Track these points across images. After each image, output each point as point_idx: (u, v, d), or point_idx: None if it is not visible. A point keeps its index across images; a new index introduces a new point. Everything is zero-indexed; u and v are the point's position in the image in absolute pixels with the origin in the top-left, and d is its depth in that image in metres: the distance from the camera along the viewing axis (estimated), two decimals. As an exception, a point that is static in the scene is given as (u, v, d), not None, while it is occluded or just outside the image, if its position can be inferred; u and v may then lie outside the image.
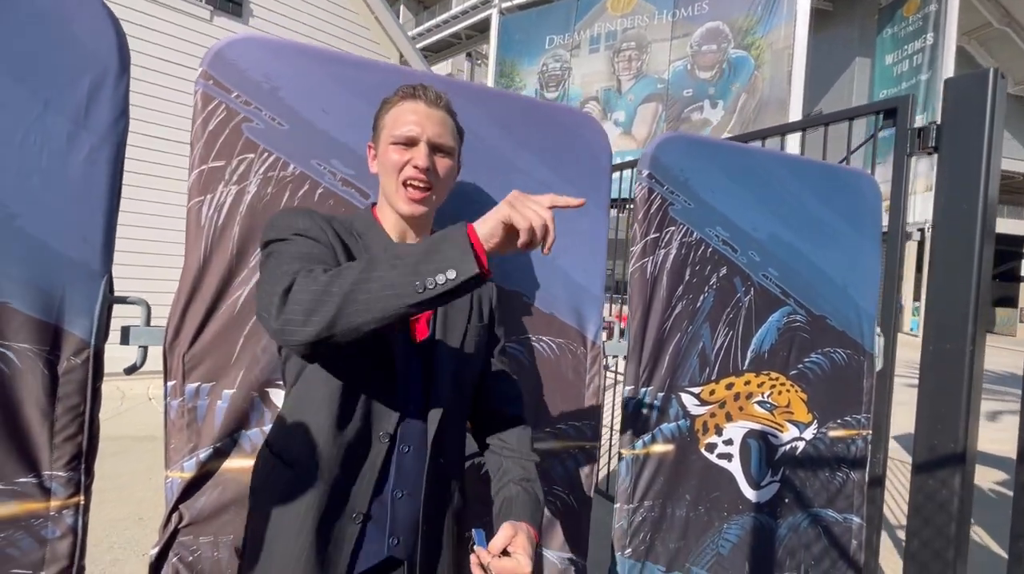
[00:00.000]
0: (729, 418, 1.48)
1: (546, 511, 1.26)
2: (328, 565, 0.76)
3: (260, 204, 0.98)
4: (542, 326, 1.23)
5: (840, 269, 1.59)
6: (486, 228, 0.63)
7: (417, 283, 0.61)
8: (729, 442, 1.48)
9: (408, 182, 0.83)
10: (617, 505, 1.34)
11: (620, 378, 1.37)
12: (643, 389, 1.35)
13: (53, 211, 0.81)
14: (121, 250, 0.95)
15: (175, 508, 0.94)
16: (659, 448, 1.38)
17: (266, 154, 0.98)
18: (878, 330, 1.68)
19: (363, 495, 0.78)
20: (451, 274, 0.61)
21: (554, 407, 1.26)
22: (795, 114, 13.11)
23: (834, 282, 1.59)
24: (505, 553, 0.75)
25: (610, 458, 3.20)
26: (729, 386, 1.47)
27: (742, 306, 1.47)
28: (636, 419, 1.35)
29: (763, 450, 1.52)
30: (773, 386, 1.53)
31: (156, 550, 0.93)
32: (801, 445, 1.57)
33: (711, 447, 1.45)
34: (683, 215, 1.38)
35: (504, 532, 0.76)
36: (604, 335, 1.34)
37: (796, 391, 1.56)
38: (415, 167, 0.82)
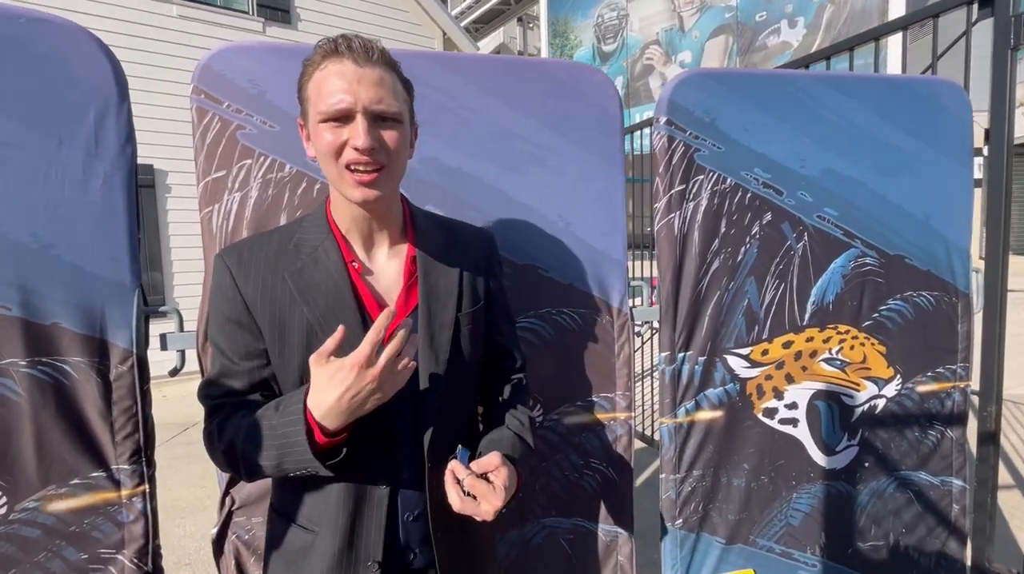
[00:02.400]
0: (790, 380, 1.34)
1: (586, 484, 1.24)
2: None
3: (264, 207, 1.02)
4: (561, 298, 1.19)
5: (919, 199, 1.36)
6: (331, 423, 0.66)
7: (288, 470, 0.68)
8: (793, 406, 1.34)
9: (351, 166, 0.68)
10: (663, 475, 1.28)
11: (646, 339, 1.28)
12: (680, 354, 1.26)
13: (81, 236, 0.90)
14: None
15: (227, 492, 1.04)
16: (705, 415, 1.29)
17: (263, 157, 1.02)
18: (975, 266, 1.42)
19: (375, 542, 0.75)
20: (310, 467, 0.66)
21: (584, 380, 1.22)
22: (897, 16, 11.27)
23: (912, 215, 1.36)
24: (484, 478, 0.71)
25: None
26: (787, 344, 1.33)
27: (794, 255, 1.31)
28: (675, 386, 1.26)
29: (835, 413, 1.37)
30: (843, 341, 1.36)
31: (216, 530, 1.04)
32: (882, 403, 1.39)
33: (770, 412, 1.33)
34: (712, 161, 1.24)
35: (492, 458, 0.72)
36: (634, 301, 1.26)
37: (872, 344, 1.37)
38: (355, 149, 0.66)
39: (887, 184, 1.33)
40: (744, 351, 1.30)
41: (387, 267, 0.78)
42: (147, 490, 0.97)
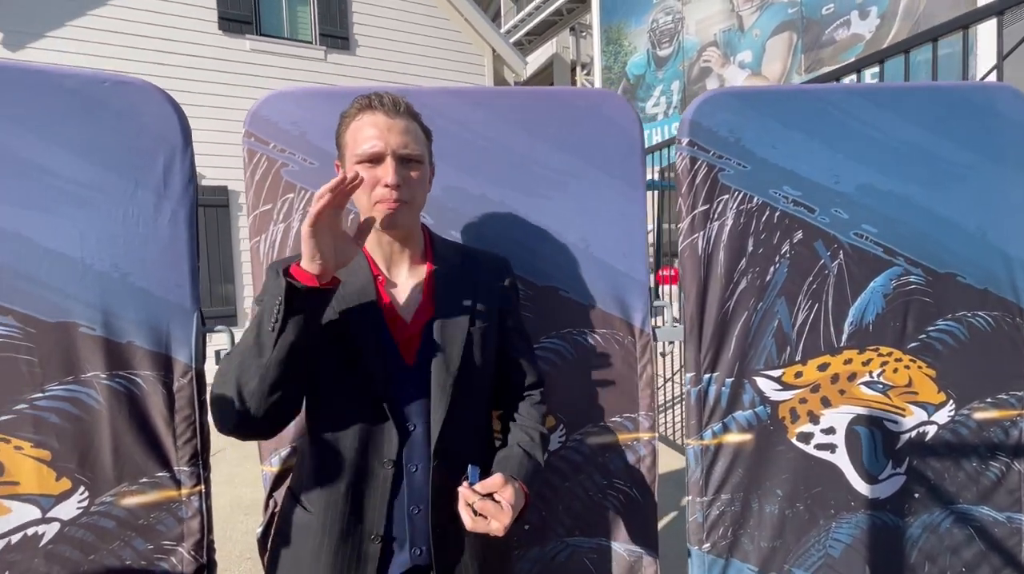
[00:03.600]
0: (827, 403, 1.29)
1: (609, 505, 1.24)
2: None
3: (304, 236, 1.12)
4: (582, 319, 1.21)
5: (972, 211, 1.27)
6: (303, 250, 0.72)
7: (268, 328, 0.72)
8: (830, 431, 1.29)
9: (380, 201, 0.80)
10: (689, 497, 1.27)
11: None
12: (707, 375, 1.25)
13: (151, 266, 1.03)
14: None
15: (270, 495, 1.14)
16: (733, 438, 1.26)
17: (303, 191, 1.12)
18: (1042, 283, 1.31)
19: (377, 518, 0.82)
20: (278, 301, 0.70)
21: (606, 401, 1.23)
22: None
23: (964, 229, 1.28)
24: (492, 498, 0.76)
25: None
26: (823, 367, 1.28)
27: (829, 274, 1.26)
28: (701, 408, 1.25)
29: (878, 439, 1.30)
30: (885, 363, 1.29)
31: (261, 529, 1.14)
32: (932, 430, 1.30)
33: (806, 437, 1.28)
34: (737, 180, 1.23)
35: (496, 478, 0.77)
36: (656, 321, 1.27)
37: (919, 367, 1.30)
38: (386, 185, 0.79)
39: (935, 197, 1.26)
40: (775, 373, 1.27)
41: (407, 284, 0.88)
42: (203, 490, 1.09)
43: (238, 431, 0.76)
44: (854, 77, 1.97)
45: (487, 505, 0.74)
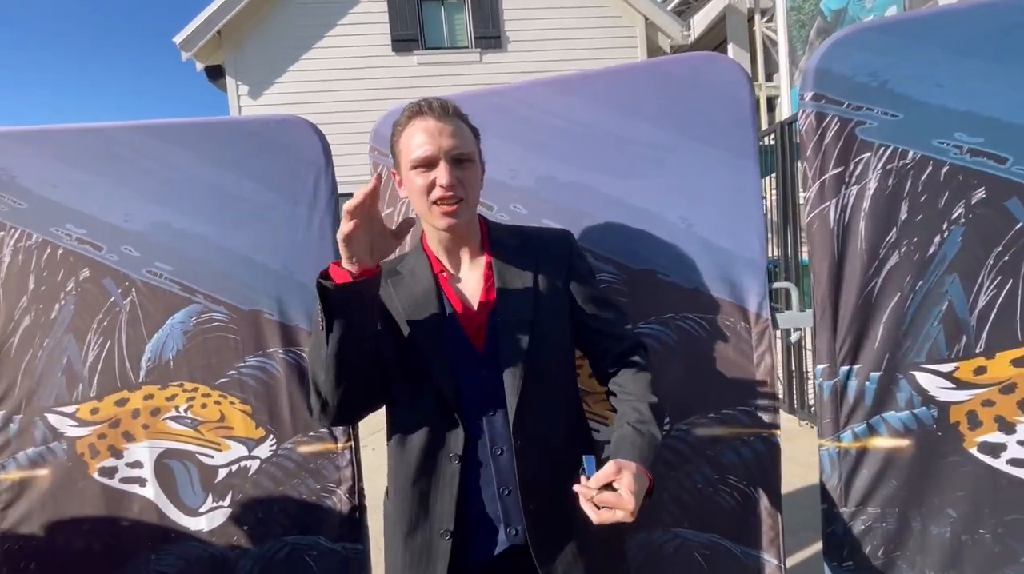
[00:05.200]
0: (1031, 407, 1.00)
1: (722, 501, 1.16)
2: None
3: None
4: (685, 302, 1.14)
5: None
6: (341, 253, 0.77)
7: (320, 328, 0.79)
8: (1037, 443, 1.00)
9: (438, 202, 0.83)
10: (824, 506, 1.11)
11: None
12: (844, 367, 1.07)
13: (308, 264, 1.28)
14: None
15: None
16: (883, 442, 1.06)
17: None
18: None
19: (446, 513, 0.85)
20: (317, 303, 0.77)
21: (716, 391, 1.14)
22: None
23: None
24: (610, 488, 0.72)
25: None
26: (1019, 362, 1.00)
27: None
28: (837, 404, 1.08)
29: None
30: None
31: (397, 483, 1.35)
32: None
33: (992, 449, 1.02)
34: (884, 134, 1.02)
35: (608, 468, 0.73)
36: (779, 304, 1.12)
37: None
38: (441, 187, 0.82)
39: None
40: (945, 368, 1.03)
41: (469, 276, 0.91)
42: (352, 446, 1.33)
43: (321, 419, 0.86)
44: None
45: (606, 496, 0.71)
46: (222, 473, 1.30)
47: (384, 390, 0.90)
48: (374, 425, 1.22)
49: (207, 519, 1.30)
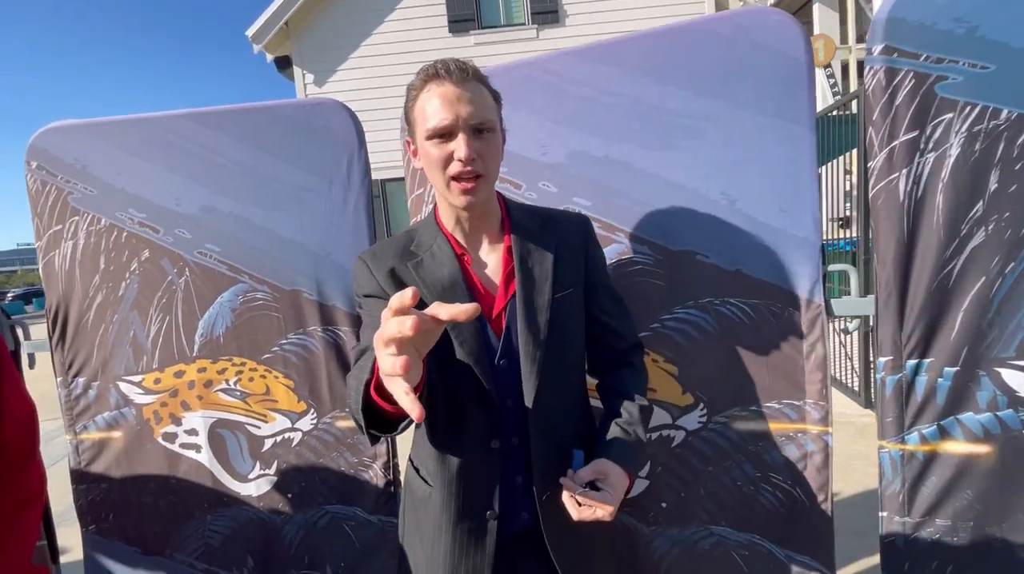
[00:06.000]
0: None
1: (765, 501, 1.08)
2: (471, 558, 0.84)
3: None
4: (727, 286, 1.05)
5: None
6: (390, 389, 0.56)
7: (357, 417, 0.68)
8: None
9: (457, 177, 0.77)
10: (883, 513, 1.00)
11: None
12: (911, 361, 0.94)
13: (344, 245, 1.31)
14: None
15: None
16: (958, 448, 0.93)
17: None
18: None
19: (490, 494, 0.84)
20: (357, 419, 0.68)
21: (759, 383, 1.05)
22: None
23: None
24: (595, 486, 0.75)
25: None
26: None
27: None
28: (901, 402, 0.96)
29: None
30: None
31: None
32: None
33: (1100, 460, 0.86)
34: (970, 89, 0.87)
35: (595, 466, 0.76)
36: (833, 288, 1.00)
37: None
38: (460, 160, 0.75)
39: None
40: (1040, 365, 0.88)
41: (489, 258, 0.87)
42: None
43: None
44: None
45: (590, 495, 0.74)
46: (268, 443, 1.38)
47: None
48: None
49: (255, 485, 1.39)
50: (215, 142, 1.30)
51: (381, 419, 0.67)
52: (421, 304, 0.84)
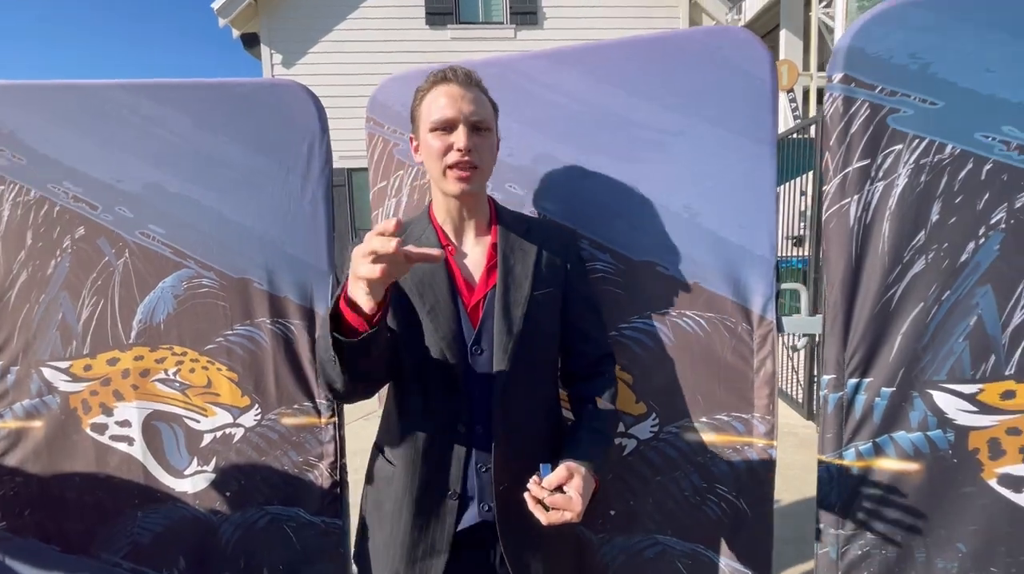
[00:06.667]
0: (1066, 440, 0.89)
1: (710, 511, 1.10)
2: (429, 536, 0.86)
3: (413, 207, 1.22)
4: (684, 299, 1.07)
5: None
6: (353, 294, 0.67)
7: (327, 354, 0.72)
8: (1069, 479, 0.90)
9: (453, 166, 0.83)
10: (820, 525, 1.03)
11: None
12: (852, 380, 0.98)
13: (300, 236, 1.26)
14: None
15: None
16: (890, 464, 0.97)
17: (412, 168, 1.22)
18: None
19: (455, 477, 0.86)
20: (330, 351, 0.70)
21: (710, 395, 1.07)
22: None
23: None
24: (561, 490, 0.76)
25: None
26: (1059, 387, 0.89)
27: (1084, 253, 0.85)
28: (841, 419, 0.99)
29: None
30: None
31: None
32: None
33: (1014, 482, 0.92)
34: (918, 123, 0.91)
35: (559, 472, 0.77)
36: (784, 307, 1.03)
37: None
38: (458, 150, 0.82)
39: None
40: (968, 389, 0.93)
41: (473, 251, 0.91)
42: (336, 421, 1.32)
43: (341, 402, 0.85)
44: None
45: (556, 498, 0.75)
46: (207, 438, 1.31)
47: (399, 368, 0.89)
48: (356, 412, 1.20)
49: (191, 482, 1.32)
50: (162, 116, 1.22)
51: (341, 343, 0.69)
52: (398, 292, 0.88)
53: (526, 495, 0.77)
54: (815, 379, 3.37)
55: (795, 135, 3.67)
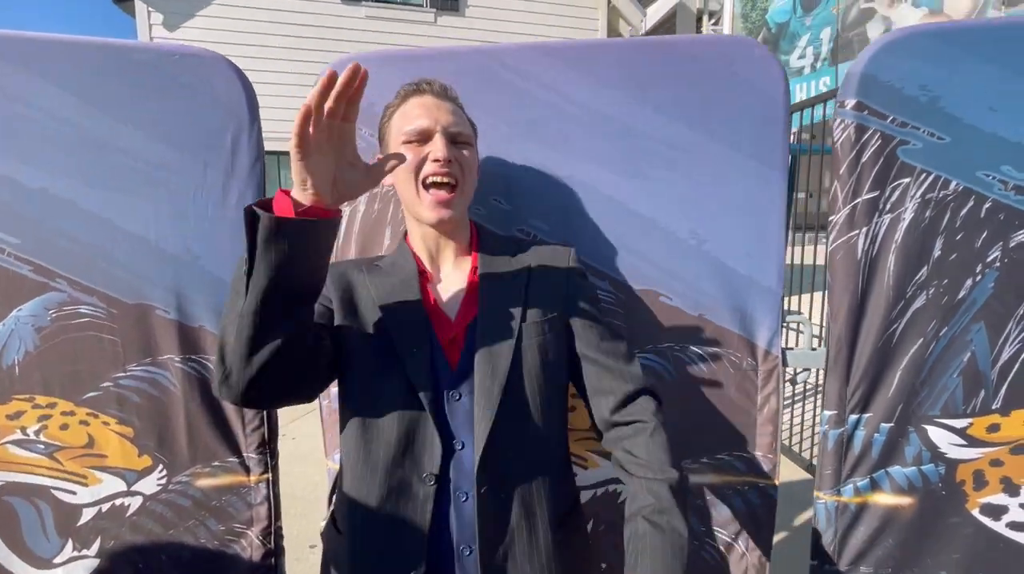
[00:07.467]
0: (1035, 468, 0.93)
1: (708, 556, 1.03)
2: None
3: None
4: (688, 332, 0.98)
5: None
6: (293, 174, 0.58)
7: (243, 271, 0.58)
8: (1035, 505, 0.94)
9: (430, 179, 0.71)
10: (813, 562, 1.01)
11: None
12: (854, 416, 0.96)
13: (221, 248, 0.99)
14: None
15: (334, 488, 1.09)
16: (885, 499, 0.97)
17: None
18: None
19: (415, 549, 0.69)
20: (243, 267, 0.57)
21: (713, 434, 1.00)
22: None
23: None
24: None
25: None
26: (1035, 420, 0.92)
27: (1064, 292, 0.88)
28: (841, 455, 0.97)
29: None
30: None
31: (324, 522, 1.11)
32: None
33: (994, 510, 0.95)
34: (926, 158, 0.89)
35: None
36: (786, 340, 0.99)
37: None
38: (435, 161, 0.70)
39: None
40: (959, 423, 0.94)
41: (452, 278, 0.79)
42: (270, 478, 1.07)
43: (222, 391, 0.62)
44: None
45: None
46: (87, 513, 1.00)
47: (315, 384, 0.72)
48: (294, 412, 0.97)
49: (64, 572, 1.00)
50: (20, 84, 0.89)
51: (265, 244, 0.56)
52: (370, 312, 0.73)
53: None
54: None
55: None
